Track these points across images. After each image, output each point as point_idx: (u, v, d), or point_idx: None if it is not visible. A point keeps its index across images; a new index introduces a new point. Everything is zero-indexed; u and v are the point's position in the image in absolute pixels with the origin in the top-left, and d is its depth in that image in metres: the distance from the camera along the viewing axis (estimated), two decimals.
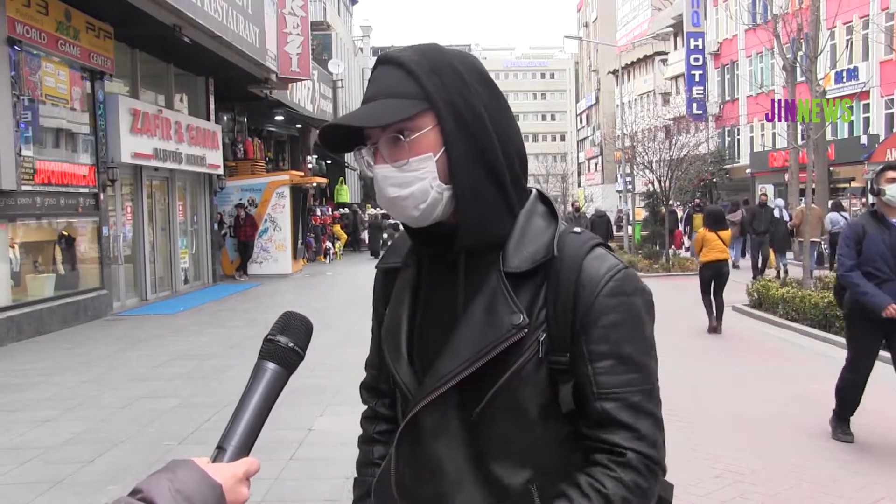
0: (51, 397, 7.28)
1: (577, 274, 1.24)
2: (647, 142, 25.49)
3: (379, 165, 1.26)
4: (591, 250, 1.26)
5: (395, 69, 1.26)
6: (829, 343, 9.61)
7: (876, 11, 27.73)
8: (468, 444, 1.27)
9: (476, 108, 1.25)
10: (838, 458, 5.30)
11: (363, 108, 1.25)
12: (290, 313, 1.20)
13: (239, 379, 7.89)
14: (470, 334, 1.24)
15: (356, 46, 47.41)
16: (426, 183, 1.24)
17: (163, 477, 0.97)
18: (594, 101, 74.68)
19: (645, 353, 1.25)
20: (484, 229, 1.27)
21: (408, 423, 1.29)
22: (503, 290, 1.25)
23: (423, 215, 1.26)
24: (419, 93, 1.23)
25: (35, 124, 11.29)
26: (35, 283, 11.64)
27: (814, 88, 13.24)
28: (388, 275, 1.46)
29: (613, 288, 1.23)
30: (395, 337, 1.35)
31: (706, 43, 41.65)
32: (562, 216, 1.33)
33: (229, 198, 20.30)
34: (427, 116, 1.24)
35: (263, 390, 1.11)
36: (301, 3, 20.84)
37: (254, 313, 13.26)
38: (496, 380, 1.24)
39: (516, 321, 1.22)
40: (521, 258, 1.26)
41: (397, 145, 1.24)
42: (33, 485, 4.90)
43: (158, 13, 12.71)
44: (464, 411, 1.27)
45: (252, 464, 1.06)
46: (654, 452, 1.22)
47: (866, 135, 28.21)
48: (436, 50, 1.29)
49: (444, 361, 1.25)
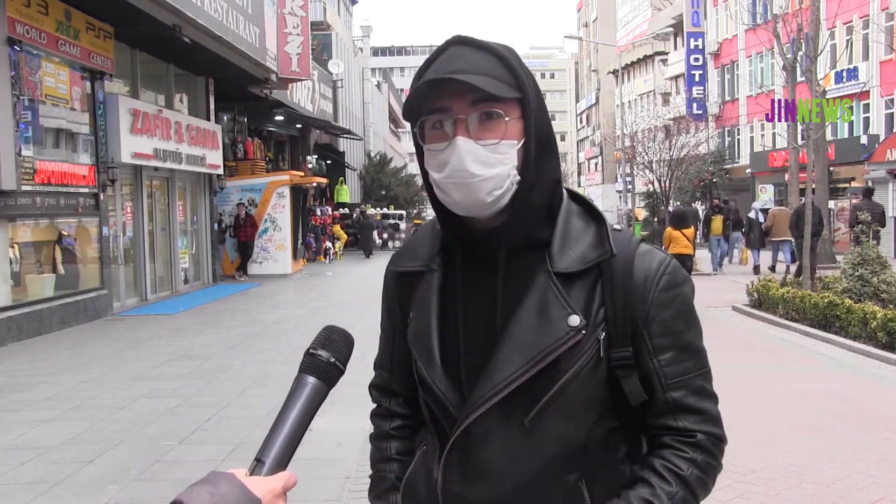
0: (51, 397, 7.28)
1: (630, 270, 1.26)
2: (647, 142, 25.55)
3: (463, 138, 1.21)
4: (638, 246, 1.29)
5: (482, 53, 1.24)
6: (830, 343, 9.62)
7: (876, 11, 27.72)
8: (521, 447, 1.25)
9: (545, 112, 1.29)
10: (838, 458, 5.30)
11: (471, 76, 1.20)
12: (331, 328, 1.19)
13: (239, 379, 7.90)
14: (523, 338, 1.23)
15: (356, 46, 47.40)
16: (508, 168, 1.23)
17: (204, 489, 0.96)
18: (594, 101, 74.67)
19: (699, 338, 1.31)
20: (530, 229, 1.27)
21: (459, 432, 1.26)
22: (555, 291, 1.24)
23: (492, 202, 1.23)
24: (513, 82, 1.23)
25: (35, 124, 11.28)
26: (35, 283, 11.64)
27: (814, 88, 13.24)
28: (404, 278, 1.40)
29: (668, 281, 1.27)
30: (425, 343, 1.31)
31: (706, 43, 41.63)
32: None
33: (229, 198, 20.29)
34: (515, 106, 1.24)
35: (303, 404, 1.11)
36: (301, 3, 20.85)
37: (254, 313, 13.26)
38: (553, 382, 1.23)
39: (574, 323, 1.22)
40: (570, 259, 1.26)
41: (487, 124, 1.22)
42: (33, 485, 4.90)
43: (158, 13, 12.71)
44: (517, 415, 1.25)
45: (290, 478, 1.05)
46: (721, 431, 1.30)
47: (866, 135, 28.20)
48: (514, 49, 1.30)
49: (497, 368, 1.23)
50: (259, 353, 9.15)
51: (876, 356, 8.66)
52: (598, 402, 1.27)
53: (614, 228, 1.30)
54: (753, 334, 10.72)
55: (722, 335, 10.59)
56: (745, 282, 13.71)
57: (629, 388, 1.27)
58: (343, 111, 36.11)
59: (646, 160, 24.20)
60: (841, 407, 6.73)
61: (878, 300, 10.49)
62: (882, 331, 8.79)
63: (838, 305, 9.90)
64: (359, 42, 49.84)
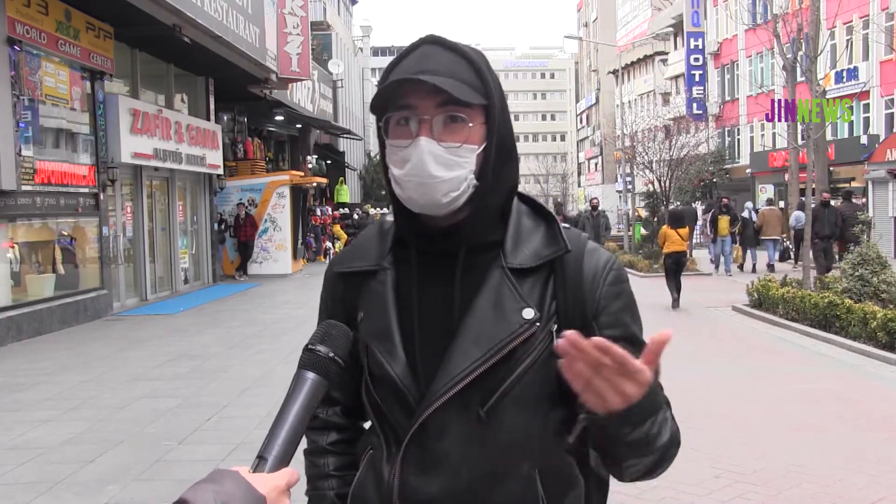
0: (51, 397, 7.28)
1: (581, 266, 1.32)
2: (647, 142, 25.52)
3: (426, 138, 1.24)
4: (587, 243, 1.35)
5: (454, 55, 1.27)
6: (829, 343, 9.62)
7: (876, 11, 27.70)
8: (477, 438, 1.28)
9: (508, 119, 1.32)
10: (838, 458, 5.30)
11: (440, 78, 1.22)
12: (330, 323, 1.20)
13: (239, 379, 7.90)
14: (479, 331, 1.25)
15: (356, 46, 47.42)
16: (465, 172, 1.26)
17: (209, 488, 0.96)
18: (594, 101, 74.64)
19: (642, 330, 1.36)
20: (486, 230, 1.31)
21: (418, 425, 1.28)
22: (509, 285, 1.28)
23: (448, 203, 1.26)
24: (481, 87, 1.27)
25: (35, 124, 11.28)
26: (35, 283, 11.64)
27: (814, 88, 13.25)
28: (351, 278, 1.41)
29: (615, 277, 1.33)
30: (386, 339, 1.32)
31: (706, 43, 41.62)
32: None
33: (229, 198, 20.29)
34: (480, 112, 1.27)
35: (304, 400, 1.11)
36: (301, 3, 20.85)
37: (254, 313, 13.26)
38: (508, 374, 1.26)
39: (528, 316, 1.26)
40: (524, 255, 1.30)
41: (451, 127, 1.25)
42: (33, 485, 4.90)
43: (158, 13, 12.71)
44: (472, 406, 1.27)
45: (293, 474, 1.05)
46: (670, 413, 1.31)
47: (866, 135, 28.18)
48: (483, 54, 1.32)
49: (453, 360, 1.25)
50: (259, 353, 9.15)
51: (876, 356, 8.66)
52: (552, 393, 1.29)
53: (564, 227, 1.35)
54: (753, 334, 10.72)
55: (722, 335, 10.59)
56: (745, 282, 13.70)
57: None
58: (343, 111, 36.13)
59: (646, 160, 24.17)
60: (841, 407, 6.73)
61: (878, 300, 10.49)
62: (882, 331, 8.79)
63: (838, 305, 9.90)
64: (359, 42, 49.87)
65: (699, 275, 19.10)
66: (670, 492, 4.65)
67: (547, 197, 49.47)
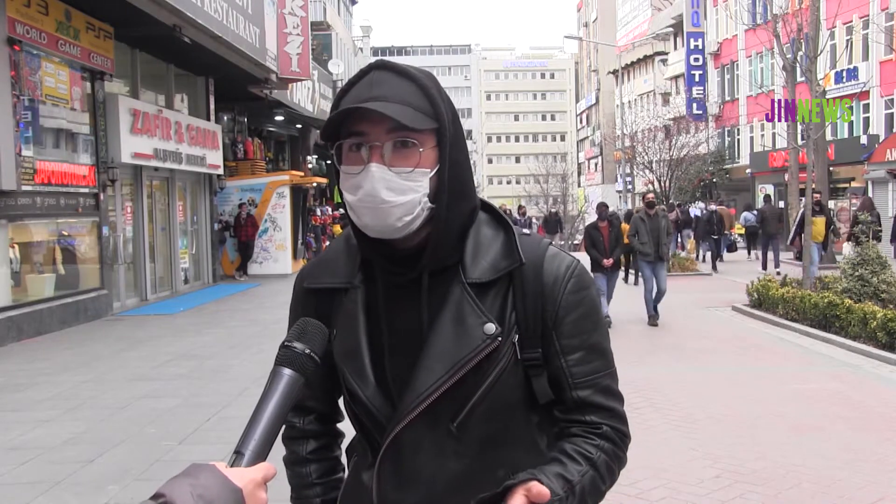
0: (51, 397, 7.28)
1: (540, 274, 1.31)
2: (647, 142, 25.54)
3: (377, 165, 1.24)
4: (547, 249, 1.34)
5: (403, 80, 1.28)
6: (829, 343, 9.62)
7: (876, 11, 27.71)
8: (450, 450, 1.30)
9: (462, 139, 1.32)
10: (838, 458, 5.30)
11: (389, 105, 1.23)
12: (306, 320, 1.22)
13: (239, 379, 7.90)
14: (443, 348, 1.26)
15: (356, 46, 47.43)
16: (419, 196, 1.26)
17: (185, 482, 0.96)
18: (594, 102, 74.64)
19: (605, 339, 1.36)
20: (447, 253, 1.30)
21: (389, 442, 1.30)
22: (469, 300, 1.28)
23: (402, 227, 1.26)
24: (430, 111, 1.27)
25: (35, 124, 11.28)
26: (35, 283, 11.64)
27: (814, 88, 13.25)
28: (322, 294, 1.39)
29: (576, 284, 1.32)
30: (356, 360, 1.33)
31: (706, 43, 41.61)
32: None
33: (229, 198, 20.29)
34: (431, 136, 1.27)
35: (280, 396, 1.13)
36: (301, 3, 20.83)
37: (254, 313, 13.26)
38: (476, 388, 1.27)
39: (489, 331, 1.26)
40: (482, 269, 1.30)
41: (402, 152, 1.25)
42: (33, 485, 4.90)
43: (158, 13, 12.71)
44: (443, 421, 1.29)
45: (269, 469, 1.07)
46: (625, 427, 1.35)
47: (866, 135, 28.19)
48: (434, 76, 1.33)
49: (419, 378, 1.27)
50: (259, 353, 9.13)
51: (876, 356, 8.66)
52: (521, 400, 1.32)
53: (523, 233, 1.35)
54: (753, 334, 10.72)
55: (722, 335, 10.59)
56: (745, 282, 13.70)
57: (538, 387, 1.33)
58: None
59: (646, 160, 24.20)
60: (840, 407, 6.73)
61: (878, 300, 10.49)
62: (882, 331, 8.79)
63: (838, 305, 9.90)
64: (359, 42, 49.89)
65: (698, 275, 19.11)
66: (670, 492, 4.66)
67: (547, 197, 49.38)
